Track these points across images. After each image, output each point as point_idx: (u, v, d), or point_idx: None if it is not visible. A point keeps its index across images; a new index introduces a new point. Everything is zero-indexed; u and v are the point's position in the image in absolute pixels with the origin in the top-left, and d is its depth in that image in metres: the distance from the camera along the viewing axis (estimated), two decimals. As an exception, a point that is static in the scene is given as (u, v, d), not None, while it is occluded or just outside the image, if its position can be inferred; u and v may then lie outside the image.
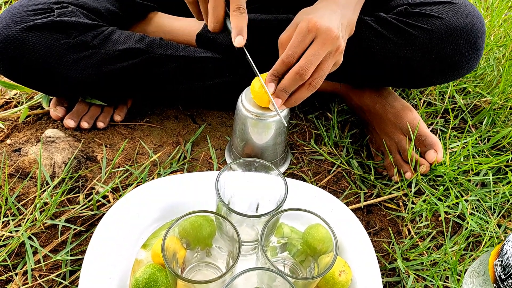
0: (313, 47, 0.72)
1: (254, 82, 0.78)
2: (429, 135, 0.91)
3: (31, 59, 0.84)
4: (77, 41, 0.87)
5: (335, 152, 0.98)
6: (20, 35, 0.83)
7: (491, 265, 0.66)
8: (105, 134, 0.97)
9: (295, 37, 0.72)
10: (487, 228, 0.83)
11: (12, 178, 0.84)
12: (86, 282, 0.68)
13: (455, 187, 0.89)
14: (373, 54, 0.88)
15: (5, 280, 0.72)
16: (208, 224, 0.71)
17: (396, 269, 0.78)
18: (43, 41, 0.84)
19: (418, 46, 0.87)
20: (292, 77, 0.72)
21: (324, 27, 0.71)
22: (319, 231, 0.71)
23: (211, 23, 0.77)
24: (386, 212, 0.88)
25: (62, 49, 0.86)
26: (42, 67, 0.85)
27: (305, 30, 0.71)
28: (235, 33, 0.74)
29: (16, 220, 0.78)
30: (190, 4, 0.79)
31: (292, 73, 0.72)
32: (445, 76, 0.92)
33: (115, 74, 0.89)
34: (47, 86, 0.91)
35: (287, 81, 0.73)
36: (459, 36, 0.86)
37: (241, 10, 0.75)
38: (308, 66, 0.71)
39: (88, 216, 0.81)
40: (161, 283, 0.67)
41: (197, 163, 0.93)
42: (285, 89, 0.74)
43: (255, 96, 0.78)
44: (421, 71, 0.90)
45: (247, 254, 0.77)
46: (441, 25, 0.86)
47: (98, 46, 0.88)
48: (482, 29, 0.87)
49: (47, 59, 0.85)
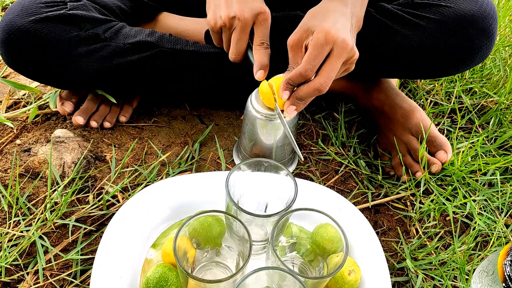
0: (331, 62, 0.71)
1: (263, 83, 0.78)
2: (439, 136, 0.91)
3: (42, 50, 0.85)
4: (89, 33, 0.87)
5: (343, 152, 0.98)
6: (32, 26, 0.83)
7: (500, 264, 0.66)
8: (113, 135, 0.97)
9: (313, 49, 0.71)
10: (495, 228, 0.84)
11: (23, 178, 0.85)
12: (97, 281, 0.68)
13: (462, 187, 0.90)
14: (380, 46, 0.88)
15: (16, 280, 0.72)
16: (218, 224, 0.71)
17: (405, 268, 0.78)
18: (55, 33, 0.84)
19: (427, 37, 0.86)
20: (311, 92, 0.72)
21: (340, 39, 0.71)
22: (328, 231, 0.71)
23: (232, 54, 0.80)
24: (394, 212, 0.88)
25: (73, 41, 0.86)
26: (52, 59, 0.86)
27: (323, 43, 0.70)
28: (257, 67, 0.77)
29: (27, 220, 0.78)
30: (214, 33, 0.81)
31: (312, 89, 0.72)
32: (457, 65, 0.91)
33: (125, 67, 0.89)
34: (57, 79, 0.91)
35: (305, 94, 0.73)
36: (468, 24, 0.84)
37: (265, 46, 0.79)
38: (328, 83, 0.72)
39: (98, 216, 0.81)
40: (172, 282, 0.68)
41: (205, 163, 0.93)
42: (301, 99, 0.74)
43: (264, 97, 0.79)
44: (432, 62, 0.89)
45: (256, 253, 0.77)
46: (450, 13, 0.85)
47: (109, 39, 0.88)
48: (493, 15, 0.85)
49: (58, 51, 0.85)
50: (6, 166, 0.87)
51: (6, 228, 0.77)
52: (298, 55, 0.75)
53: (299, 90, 0.74)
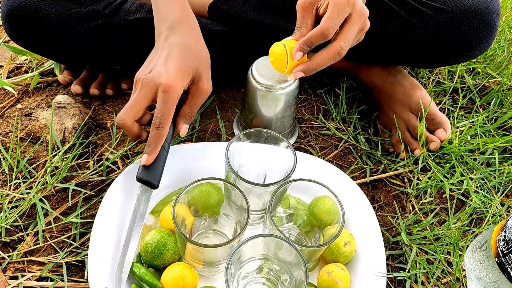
0: (350, 25, 0.69)
1: (275, 46, 0.74)
2: (439, 114, 0.92)
3: (43, 27, 0.85)
4: (89, 10, 0.87)
5: (343, 127, 0.98)
6: (33, 3, 0.83)
7: (494, 240, 0.67)
8: (114, 102, 0.97)
9: (334, 9, 0.69)
10: (490, 206, 0.84)
11: (23, 142, 0.85)
12: (96, 245, 0.69)
13: (460, 165, 0.90)
14: (386, 33, 0.88)
15: (16, 240, 0.74)
16: (216, 192, 0.72)
17: (399, 242, 0.79)
18: (56, 10, 0.85)
19: (432, 25, 0.86)
20: (332, 56, 0.70)
21: (359, 4, 0.69)
22: (325, 203, 0.72)
23: None
24: (391, 188, 0.89)
25: (74, 18, 0.86)
26: (53, 35, 0.86)
27: (344, 4, 0.68)
28: None
29: (27, 183, 0.79)
30: None
31: (333, 53, 0.69)
32: (457, 56, 0.92)
33: (125, 44, 0.89)
34: (58, 54, 0.92)
35: (324, 59, 0.70)
36: (474, 16, 0.85)
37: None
38: (347, 46, 0.70)
39: (97, 182, 0.82)
40: (170, 247, 0.69)
41: (205, 134, 0.94)
42: (318, 66, 0.71)
43: (275, 60, 0.74)
44: (434, 51, 0.90)
45: (253, 223, 0.78)
46: (456, 4, 0.85)
47: (109, 15, 0.88)
48: (497, 10, 0.87)
49: (59, 28, 0.85)
50: (7, 130, 0.87)
51: (6, 190, 0.78)
52: (308, 16, 0.72)
53: (318, 57, 0.71)
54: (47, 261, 0.72)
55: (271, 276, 0.70)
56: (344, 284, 0.69)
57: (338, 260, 0.73)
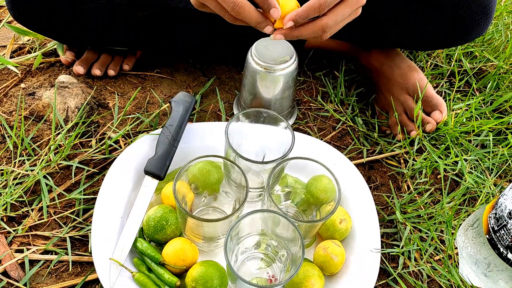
0: (344, 7, 0.67)
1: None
2: (435, 96, 0.93)
3: (47, 8, 0.85)
4: None
5: (341, 109, 1.00)
6: None
7: (485, 217, 0.69)
8: (116, 83, 0.99)
9: None
10: (484, 187, 0.86)
11: (27, 121, 0.87)
12: (99, 220, 0.71)
13: (455, 146, 0.92)
14: (385, 15, 0.89)
15: (21, 215, 0.76)
16: (216, 171, 0.74)
17: (394, 220, 0.82)
18: None
19: (432, 7, 0.87)
20: (315, 31, 0.68)
21: None
22: (322, 182, 0.74)
23: None
24: (387, 169, 0.91)
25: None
26: (58, 16, 0.87)
27: None
28: None
29: (32, 160, 0.81)
30: None
31: (317, 27, 0.67)
32: (454, 39, 0.93)
33: (131, 24, 0.90)
34: (62, 35, 0.93)
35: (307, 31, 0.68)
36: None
37: None
38: (333, 26, 0.68)
39: (100, 160, 0.84)
40: (172, 222, 0.71)
41: (205, 115, 0.95)
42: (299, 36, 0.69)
43: None
44: (433, 33, 0.91)
45: (252, 201, 0.80)
46: None
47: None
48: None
49: (64, 7, 0.86)
50: (11, 109, 0.89)
51: (11, 166, 0.80)
52: None
53: (304, 28, 0.69)
54: (51, 235, 0.74)
55: (269, 251, 0.72)
56: (339, 260, 0.71)
57: (334, 237, 0.75)
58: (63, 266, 0.72)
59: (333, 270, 0.71)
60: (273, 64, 0.82)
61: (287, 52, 0.84)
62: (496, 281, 0.70)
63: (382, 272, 0.75)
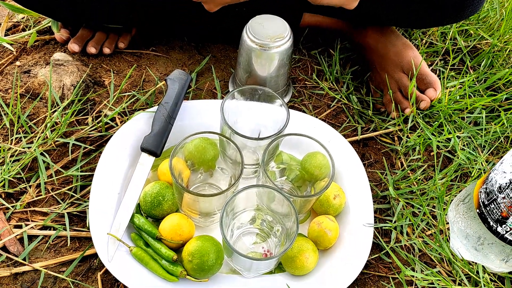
0: None
1: None
2: (430, 73, 0.94)
3: None
4: None
5: (336, 87, 1.00)
6: None
7: (476, 192, 0.71)
8: (111, 61, 0.99)
9: None
10: (476, 163, 0.88)
11: (23, 98, 0.87)
12: (96, 196, 0.72)
13: (449, 124, 0.93)
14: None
15: (19, 191, 0.76)
16: (212, 148, 0.74)
17: (387, 196, 0.83)
18: None
19: None
20: None
21: None
22: (317, 158, 0.75)
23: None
24: (381, 146, 0.92)
25: None
26: None
27: None
28: None
29: (28, 138, 0.82)
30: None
31: None
32: (449, 17, 0.93)
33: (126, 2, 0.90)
34: (57, 12, 0.92)
35: None
36: None
37: None
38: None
39: (96, 137, 0.85)
40: (168, 198, 0.72)
41: (201, 93, 0.96)
42: None
43: None
44: (428, 11, 0.91)
45: (247, 177, 0.81)
46: None
47: None
48: None
49: None
50: (7, 86, 0.89)
51: (8, 144, 0.80)
52: None
53: None
54: (49, 211, 0.75)
55: (264, 226, 0.73)
56: (333, 234, 0.73)
57: (328, 212, 0.76)
58: (61, 241, 0.73)
59: (327, 245, 0.73)
60: (268, 42, 0.83)
61: (282, 30, 0.85)
62: (486, 254, 0.71)
63: (375, 247, 0.77)
